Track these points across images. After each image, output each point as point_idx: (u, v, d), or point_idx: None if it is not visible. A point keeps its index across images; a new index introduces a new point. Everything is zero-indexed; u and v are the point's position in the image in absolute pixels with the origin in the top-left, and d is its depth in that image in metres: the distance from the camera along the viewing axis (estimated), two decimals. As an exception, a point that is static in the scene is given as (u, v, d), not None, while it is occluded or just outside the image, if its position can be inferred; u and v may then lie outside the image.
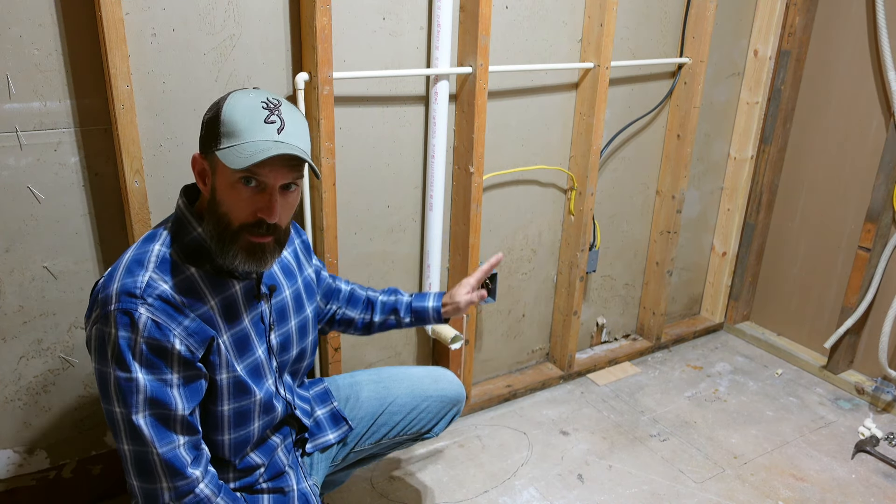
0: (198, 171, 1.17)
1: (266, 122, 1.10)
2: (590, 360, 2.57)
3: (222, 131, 1.10)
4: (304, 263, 1.44)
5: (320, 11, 1.57)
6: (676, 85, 2.41)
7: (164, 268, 1.13)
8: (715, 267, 2.88)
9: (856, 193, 2.46)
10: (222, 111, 1.11)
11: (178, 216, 1.19)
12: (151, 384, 1.08)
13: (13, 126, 1.45)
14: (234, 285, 1.22)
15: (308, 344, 1.41)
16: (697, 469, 2.06)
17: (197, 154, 1.16)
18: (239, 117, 1.10)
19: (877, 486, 2.02)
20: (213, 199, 1.14)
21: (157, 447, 1.09)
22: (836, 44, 2.45)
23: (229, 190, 1.12)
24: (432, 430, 1.60)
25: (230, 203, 1.12)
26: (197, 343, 1.12)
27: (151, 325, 1.07)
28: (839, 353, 2.51)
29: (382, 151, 1.91)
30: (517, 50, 2.04)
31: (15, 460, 1.67)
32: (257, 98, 1.13)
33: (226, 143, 1.10)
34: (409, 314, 1.56)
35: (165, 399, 1.09)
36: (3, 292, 1.54)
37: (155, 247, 1.15)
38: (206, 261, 1.18)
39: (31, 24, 1.41)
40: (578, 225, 2.30)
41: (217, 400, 1.20)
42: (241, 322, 1.23)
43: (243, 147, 1.09)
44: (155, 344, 1.08)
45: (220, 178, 1.13)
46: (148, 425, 1.08)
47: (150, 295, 1.09)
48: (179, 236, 1.18)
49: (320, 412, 1.49)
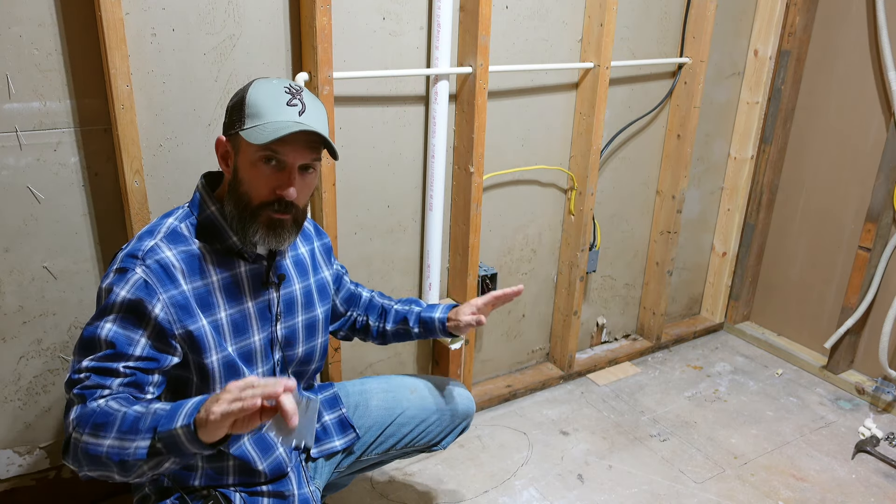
0: (221, 153, 1.22)
1: (288, 104, 1.16)
2: (590, 360, 2.57)
3: (246, 112, 1.16)
4: (320, 265, 1.44)
5: (320, 11, 1.57)
6: (676, 85, 2.41)
7: (172, 238, 1.19)
8: (715, 267, 2.88)
9: (856, 193, 2.46)
10: (247, 94, 1.18)
11: (196, 195, 1.25)
12: (116, 335, 1.10)
13: (13, 126, 1.45)
14: (240, 266, 1.25)
15: (316, 346, 1.41)
16: (697, 469, 2.06)
17: (221, 136, 1.22)
18: (262, 99, 1.16)
19: (877, 487, 2.02)
20: (234, 179, 1.20)
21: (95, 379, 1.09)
22: (836, 44, 2.45)
23: (251, 168, 1.17)
24: (440, 444, 1.60)
25: (251, 181, 1.18)
26: (176, 316, 1.14)
27: (141, 283, 1.12)
28: (839, 353, 2.51)
29: (382, 151, 1.91)
30: (517, 50, 2.04)
31: (15, 460, 1.67)
32: (280, 84, 1.19)
33: (249, 124, 1.16)
34: (418, 324, 1.55)
35: (123, 350, 1.10)
36: (3, 292, 1.54)
37: (168, 220, 1.22)
38: (215, 239, 1.22)
39: (31, 24, 1.41)
40: (578, 225, 2.30)
41: (210, 383, 1.21)
42: (243, 304, 1.25)
43: (266, 126, 1.14)
44: (137, 301, 1.11)
45: (242, 158, 1.18)
46: (92, 365, 1.09)
47: (150, 258, 1.15)
48: (193, 214, 1.23)
49: (328, 417, 1.48)
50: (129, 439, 1.01)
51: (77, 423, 1.06)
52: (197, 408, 0.99)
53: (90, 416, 1.05)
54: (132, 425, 1.02)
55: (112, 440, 1.02)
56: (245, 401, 0.95)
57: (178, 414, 1.00)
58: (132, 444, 1.00)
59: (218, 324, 1.21)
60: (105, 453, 1.02)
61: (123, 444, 1.01)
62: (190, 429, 0.97)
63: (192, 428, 0.97)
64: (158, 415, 1.02)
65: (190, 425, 0.97)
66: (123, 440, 1.01)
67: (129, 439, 1.01)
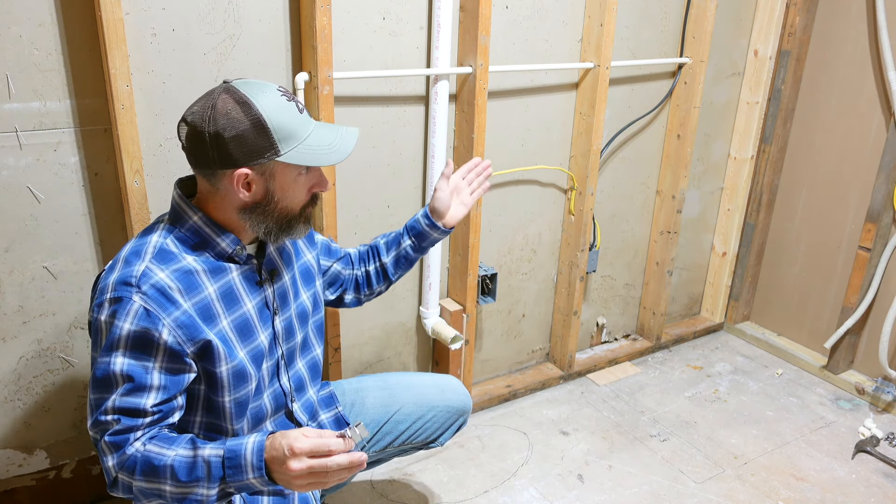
0: (241, 184, 1.15)
1: (299, 112, 1.18)
2: (590, 360, 2.57)
3: (276, 137, 1.13)
4: (302, 250, 1.44)
5: (320, 11, 1.57)
6: (676, 85, 2.41)
7: (161, 257, 1.15)
8: (715, 267, 2.88)
9: (856, 193, 2.46)
10: (265, 119, 1.12)
11: (174, 208, 1.22)
12: (131, 368, 1.10)
13: (13, 126, 1.45)
14: (232, 270, 1.23)
15: (309, 330, 1.42)
16: (697, 469, 2.06)
17: (242, 171, 1.13)
18: (283, 119, 1.14)
19: (877, 487, 2.02)
20: (267, 200, 1.18)
21: (121, 423, 1.10)
22: (836, 44, 2.45)
23: (293, 184, 1.19)
24: (438, 440, 1.60)
25: (294, 195, 1.20)
26: (186, 336, 1.13)
27: (142, 312, 1.10)
28: (839, 353, 2.51)
29: (382, 151, 1.91)
30: (517, 50, 2.04)
31: (15, 460, 1.67)
32: (277, 93, 1.16)
33: (286, 147, 1.14)
34: (408, 236, 1.53)
35: (141, 381, 1.10)
36: (3, 292, 1.54)
37: (152, 238, 1.18)
38: (203, 248, 1.20)
39: (31, 24, 1.41)
40: (578, 225, 2.30)
41: (219, 391, 1.21)
42: (242, 307, 1.24)
43: (306, 144, 1.16)
44: (142, 332, 1.10)
45: (280, 179, 1.17)
46: (117, 405, 1.10)
47: (144, 283, 1.11)
48: (176, 226, 1.20)
49: (324, 416, 1.48)
50: (191, 486, 1.07)
51: (121, 468, 1.10)
52: (261, 455, 1.06)
53: (134, 464, 1.09)
54: (189, 473, 1.07)
55: (171, 487, 1.08)
56: (320, 477, 1.05)
57: (245, 466, 1.06)
58: (195, 489, 1.08)
59: (223, 333, 1.20)
60: (168, 496, 1.09)
61: (185, 491, 1.08)
62: (265, 479, 1.06)
63: (267, 478, 1.06)
64: (214, 463, 1.07)
65: (265, 476, 1.06)
66: (184, 487, 1.08)
67: (191, 486, 1.07)
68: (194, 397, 1.22)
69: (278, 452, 1.04)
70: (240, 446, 1.07)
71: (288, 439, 1.04)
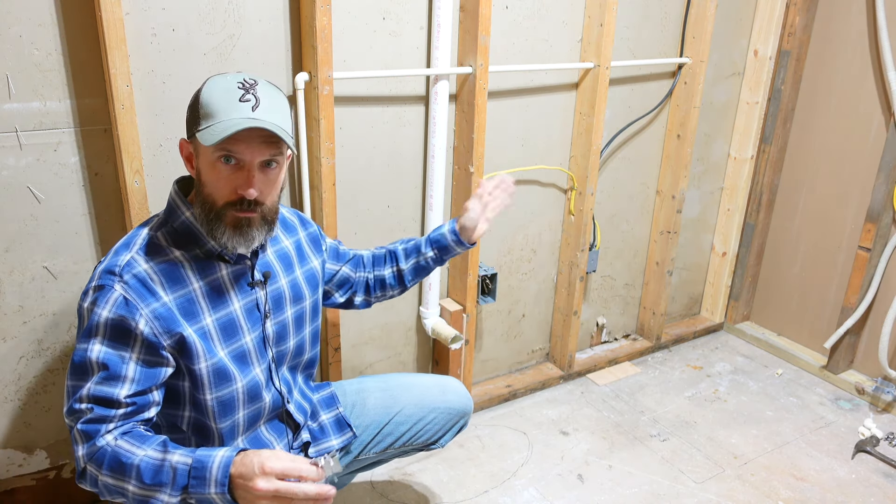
0: (185, 155, 1.22)
1: (241, 100, 1.14)
2: (590, 360, 2.57)
3: (201, 113, 1.15)
4: (308, 255, 1.43)
5: (320, 11, 1.57)
6: (676, 85, 2.41)
7: (148, 249, 1.18)
8: (715, 267, 2.88)
9: (856, 193, 2.46)
10: (201, 94, 1.16)
11: (169, 203, 1.24)
12: (107, 356, 1.11)
13: (13, 126, 1.45)
14: (221, 269, 1.24)
15: (305, 336, 1.41)
16: (697, 469, 2.06)
17: (182, 139, 1.22)
18: (215, 98, 1.14)
19: (877, 486, 2.02)
20: (198, 182, 1.19)
21: (94, 412, 1.11)
22: (836, 44, 2.45)
23: (210, 169, 1.16)
24: (438, 442, 1.60)
25: (212, 182, 1.17)
26: (162, 328, 1.14)
27: (121, 300, 1.12)
28: (839, 353, 2.51)
29: (382, 151, 1.91)
30: (517, 50, 2.04)
31: (15, 460, 1.67)
32: (234, 80, 1.16)
33: (203, 124, 1.14)
34: (430, 247, 1.53)
35: (116, 371, 1.11)
36: (3, 292, 1.54)
37: (143, 231, 1.22)
38: (194, 244, 1.22)
39: (31, 24, 1.41)
40: (578, 225, 2.30)
41: (200, 388, 1.21)
42: (228, 307, 1.24)
43: (217, 125, 1.12)
44: (119, 320, 1.11)
45: (202, 159, 1.17)
46: (92, 392, 1.11)
47: (127, 273, 1.14)
48: (169, 221, 1.23)
49: (325, 417, 1.48)
50: (153, 490, 1.06)
51: (89, 459, 1.10)
52: (227, 471, 1.04)
53: (102, 457, 1.09)
54: (154, 476, 1.06)
55: (134, 487, 1.07)
56: (283, 502, 1.02)
57: (209, 479, 1.04)
58: (157, 494, 1.06)
59: (205, 330, 1.20)
60: (130, 496, 1.09)
61: (147, 493, 1.07)
62: (226, 497, 1.04)
63: (229, 496, 1.04)
64: (180, 471, 1.05)
65: (226, 493, 1.04)
66: (147, 490, 1.07)
67: (153, 490, 1.06)
68: (180, 393, 1.23)
69: (247, 469, 1.03)
70: (208, 458, 1.06)
71: (260, 457, 1.03)
